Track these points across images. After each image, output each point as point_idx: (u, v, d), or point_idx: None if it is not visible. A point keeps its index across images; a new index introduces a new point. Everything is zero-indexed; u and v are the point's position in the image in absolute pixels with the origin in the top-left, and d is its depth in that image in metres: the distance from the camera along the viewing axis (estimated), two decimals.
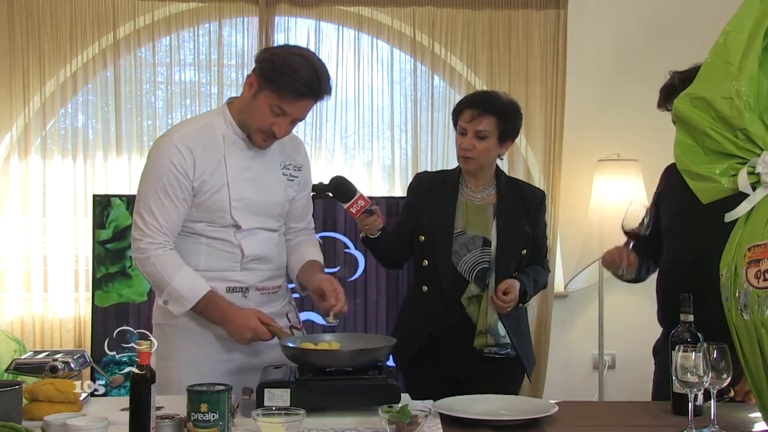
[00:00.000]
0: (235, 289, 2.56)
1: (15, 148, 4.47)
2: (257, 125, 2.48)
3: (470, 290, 2.81)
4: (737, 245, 1.88)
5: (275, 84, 2.41)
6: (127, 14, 4.52)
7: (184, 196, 2.47)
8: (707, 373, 1.99)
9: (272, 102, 2.42)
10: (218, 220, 2.52)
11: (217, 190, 2.49)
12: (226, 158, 2.51)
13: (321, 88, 2.45)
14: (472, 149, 2.83)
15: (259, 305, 2.56)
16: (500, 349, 2.82)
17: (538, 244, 2.95)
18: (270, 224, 2.60)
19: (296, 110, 2.45)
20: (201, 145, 2.49)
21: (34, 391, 2.16)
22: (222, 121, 2.55)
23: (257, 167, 2.56)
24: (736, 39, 1.88)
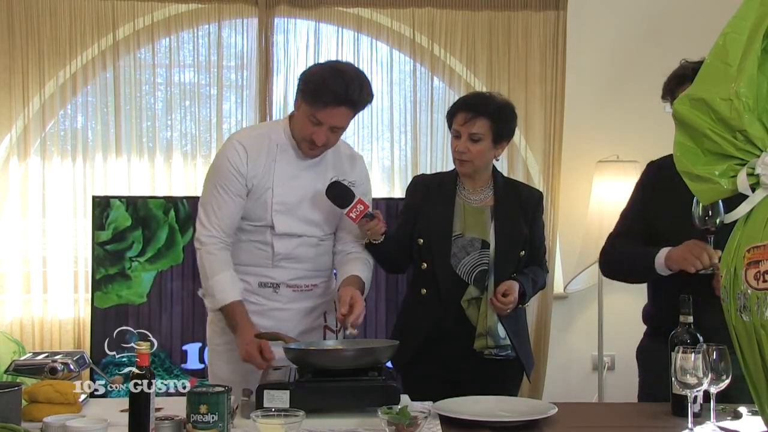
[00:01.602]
0: (267, 284, 2.73)
1: (14, 150, 4.47)
2: (300, 135, 2.65)
3: (470, 292, 2.81)
4: (736, 246, 1.88)
5: (306, 96, 2.59)
6: (126, 15, 4.52)
7: (238, 192, 2.66)
8: (707, 374, 1.99)
9: (308, 113, 2.59)
10: (258, 221, 2.68)
11: (263, 192, 2.67)
12: (276, 163, 2.68)
13: (349, 96, 2.57)
14: (467, 152, 2.83)
15: (291, 301, 2.73)
16: (500, 351, 2.82)
17: (536, 245, 2.95)
18: (311, 232, 2.72)
19: (329, 118, 2.58)
20: (256, 147, 2.68)
21: (33, 392, 2.16)
22: (281, 131, 2.74)
23: (306, 177, 2.71)
24: (735, 40, 1.88)
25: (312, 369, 2.27)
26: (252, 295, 2.72)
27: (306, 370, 2.28)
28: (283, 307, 2.73)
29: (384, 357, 2.33)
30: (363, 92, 2.62)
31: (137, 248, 4.12)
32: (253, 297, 2.71)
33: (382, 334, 4.18)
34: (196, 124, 4.62)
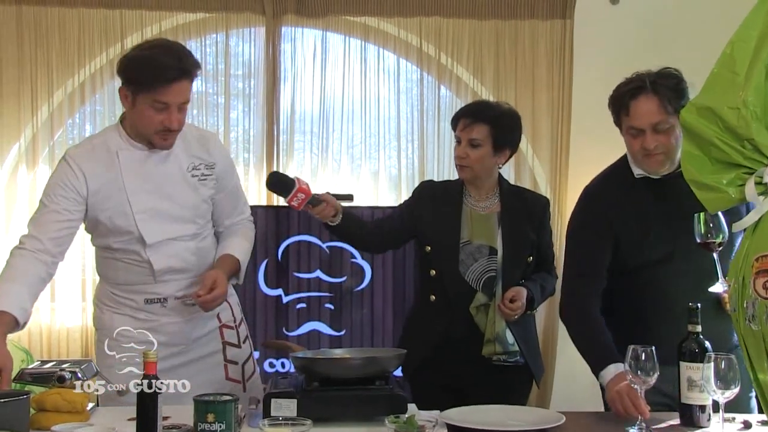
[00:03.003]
0: (154, 300, 2.60)
1: (23, 158, 4.49)
2: (151, 129, 2.48)
3: (478, 299, 2.81)
4: (745, 255, 1.87)
5: (142, 84, 2.43)
6: (134, 25, 4.54)
7: (67, 207, 2.48)
8: (715, 384, 1.98)
9: (150, 100, 2.43)
10: (126, 235, 2.54)
11: (119, 205, 2.51)
12: (124, 175, 2.52)
13: (184, 66, 2.45)
14: (466, 157, 2.84)
15: (180, 313, 2.61)
16: (509, 357, 2.82)
17: (544, 251, 2.96)
18: (184, 230, 2.59)
19: (173, 96, 2.44)
20: (93, 161, 2.51)
21: (41, 400, 2.17)
22: (116, 136, 2.57)
23: (159, 176, 2.55)
24: (742, 49, 1.88)
25: (319, 378, 2.27)
26: (140, 312, 2.60)
27: (313, 378, 2.27)
28: (174, 320, 2.61)
29: (391, 366, 2.33)
30: (191, 58, 2.50)
31: None
32: (142, 314, 2.59)
33: (389, 343, 4.18)
34: None
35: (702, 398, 2.16)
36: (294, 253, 4.31)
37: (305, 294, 4.29)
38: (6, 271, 2.44)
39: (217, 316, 2.70)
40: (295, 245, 4.31)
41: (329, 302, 4.26)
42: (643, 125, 2.43)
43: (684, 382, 2.19)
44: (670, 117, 2.38)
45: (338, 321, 4.28)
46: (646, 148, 2.43)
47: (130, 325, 2.51)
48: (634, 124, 2.45)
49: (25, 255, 2.46)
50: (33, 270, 2.44)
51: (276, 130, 4.61)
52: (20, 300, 2.36)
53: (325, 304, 4.22)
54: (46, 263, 2.47)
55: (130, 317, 2.59)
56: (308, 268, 4.29)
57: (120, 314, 2.61)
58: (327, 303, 4.25)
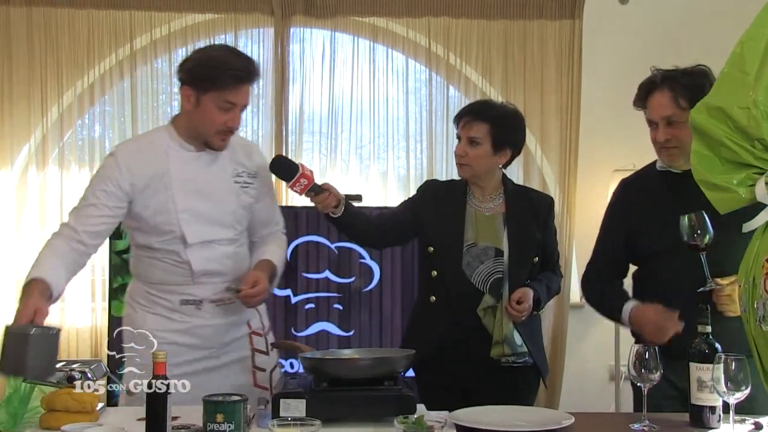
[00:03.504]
0: (189, 302, 2.60)
1: (33, 159, 4.51)
2: (213, 129, 2.52)
3: (486, 301, 2.81)
4: (755, 256, 1.87)
5: (214, 82, 2.47)
6: (143, 26, 4.55)
7: (108, 203, 2.50)
8: (726, 385, 1.98)
9: (219, 100, 2.48)
10: (169, 234, 2.55)
11: (164, 203, 2.54)
12: (171, 171, 2.55)
13: (252, 71, 2.52)
14: (465, 155, 2.84)
15: (214, 316, 2.62)
16: (517, 358, 2.82)
17: (549, 250, 2.95)
18: (223, 234, 2.61)
19: (240, 98, 2.51)
20: (141, 159, 2.54)
21: (51, 400, 2.18)
22: (165, 136, 2.60)
23: (206, 178, 2.59)
24: (752, 49, 1.88)
25: (328, 378, 2.27)
26: (174, 312, 2.61)
27: (322, 379, 2.27)
28: (207, 323, 2.62)
29: (400, 366, 2.33)
30: (257, 65, 2.58)
31: None
32: (176, 315, 2.61)
33: (398, 343, 4.17)
34: None
35: (712, 399, 2.15)
36: (303, 254, 4.31)
37: (314, 294, 4.29)
38: (43, 251, 2.49)
39: (248, 323, 2.71)
40: (304, 245, 4.31)
41: (338, 303, 4.26)
42: (656, 118, 2.57)
43: (694, 383, 2.19)
44: (683, 111, 2.40)
45: (347, 321, 4.28)
46: (658, 140, 2.56)
47: (163, 325, 2.57)
48: (648, 117, 2.61)
49: (60, 240, 2.50)
50: (68, 253, 2.49)
51: (285, 131, 4.61)
52: (55, 272, 2.43)
53: (333, 304, 4.22)
54: (78, 251, 2.51)
55: (163, 317, 2.60)
56: (317, 269, 4.30)
57: (154, 314, 2.62)
58: (336, 303, 4.25)
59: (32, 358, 2.12)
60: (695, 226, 2.29)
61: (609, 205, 2.80)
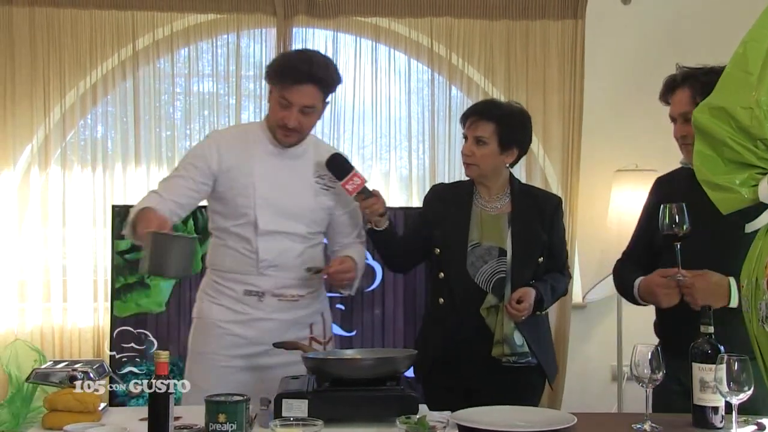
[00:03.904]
0: (252, 293, 2.70)
1: (36, 159, 4.51)
2: (273, 121, 2.69)
3: (488, 301, 2.81)
4: (758, 256, 1.86)
5: (274, 78, 2.68)
6: (146, 26, 4.55)
7: (195, 177, 2.67)
8: (728, 385, 1.97)
9: (278, 97, 2.65)
10: (243, 218, 2.67)
11: (244, 188, 2.67)
12: (255, 159, 2.70)
13: (312, 72, 2.62)
14: (471, 155, 2.86)
15: (275, 311, 2.70)
16: (519, 358, 2.81)
17: (556, 251, 2.95)
18: (295, 229, 2.70)
19: (297, 97, 2.62)
20: (232, 143, 2.73)
21: (53, 400, 2.18)
22: (258, 129, 2.78)
23: (287, 173, 2.72)
24: (755, 49, 1.87)
25: (330, 378, 2.27)
26: (237, 303, 2.71)
27: (324, 379, 2.27)
28: (266, 317, 2.70)
29: (402, 367, 2.33)
30: (329, 71, 2.69)
31: None
32: (238, 305, 2.71)
33: (400, 344, 4.18)
34: None
35: (715, 399, 2.15)
36: None
37: None
38: (143, 200, 2.66)
39: (310, 327, 2.77)
40: None
41: (340, 303, 4.25)
42: (675, 114, 2.60)
43: (696, 384, 2.19)
44: None
45: (349, 321, 4.28)
46: (675, 136, 2.59)
47: (226, 316, 2.70)
48: (670, 113, 2.63)
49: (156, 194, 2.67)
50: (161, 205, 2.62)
51: None
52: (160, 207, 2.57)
53: (336, 304, 4.22)
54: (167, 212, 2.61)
55: (227, 308, 2.71)
56: None
57: (218, 305, 2.73)
58: (338, 303, 4.25)
59: (174, 258, 2.35)
60: (675, 216, 2.36)
61: (645, 201, 2.83)
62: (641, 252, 2.71)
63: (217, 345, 2.70)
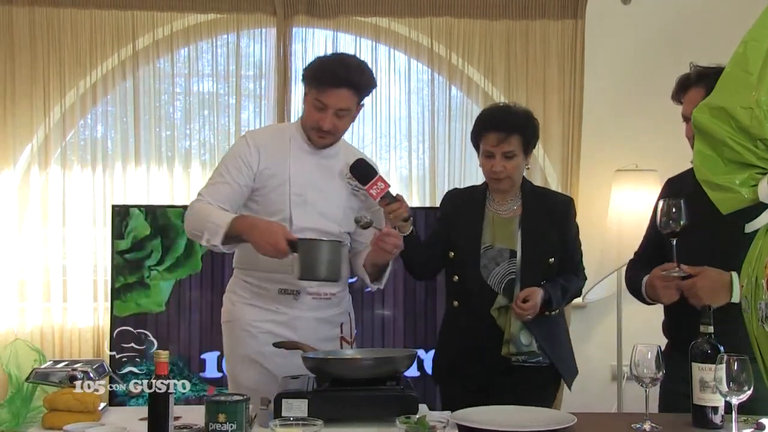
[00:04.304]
0: (288, 291, 2.71)
1: (35, 159, 4.51)
2: (309, 123, 2.73)
3: (498, 301, 2.83)
4: (758, 256, 1.86)
5: (310, 81, 2.71)
6: (146, 26, 4.55)
7: (239, 180, 2.70)
8: (728, 385, 1.97)
9: (313, 99, 2.68)
10: (278, 215, 2.67)
11: (278, 185, 2.70)
12: (291, 158, 2.73)
13: (349, 77, 2.66)
14: (504, 170, 2.86)
15: (310, 310, 2.73)
16: (529, 358, 2.82)
17: (569, 252, 2.96)
18: (329, 227, 2.72)
19: (333, 100, 2.66)
20: (269, 143, 2.76)
21: (53, 400, 2.18)
22: (293, 128, 2.83)
23: (320, 172, 2.75)
24: (755, 48, 1.87)
25: (330, 378, 2.27)
26: (271, 302, 2.72)
27: (324, 379, 2.28)
28: (301, 315, 2.72)
29: (402, 366, 2.33)
30: (364, 75, 2.71)
31: (156, 257, 4.14)
32: (273, 305, 2.72)
33: (400, 343, 4.18)
34: (215, 133, 4.65)
35: (715, 399, 2.15)
36: None
37: None
38: (202, 210, 2.66)
39: (340, 326, 2.80)
40: None
41: None
42: (687, 113, 2.56)
43: (696, 383, 2.19)
44: None
45: None
46: (687, 135, 2.53)
47: (261, 317, 2.71)
48: (682, 112, 2.60)
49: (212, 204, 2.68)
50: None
51: None
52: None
53: None
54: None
55: (261, 309, 2.72)
56: None
57: (252, 306, 2.73)
58: None
59: (325, 262, 2.46)
60: (672, 211, 2.36)
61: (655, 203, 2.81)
62: (651, 252, 2.71)
63: (256, 344, 2.70)
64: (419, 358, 4.17)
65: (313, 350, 2.43)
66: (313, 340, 2.65)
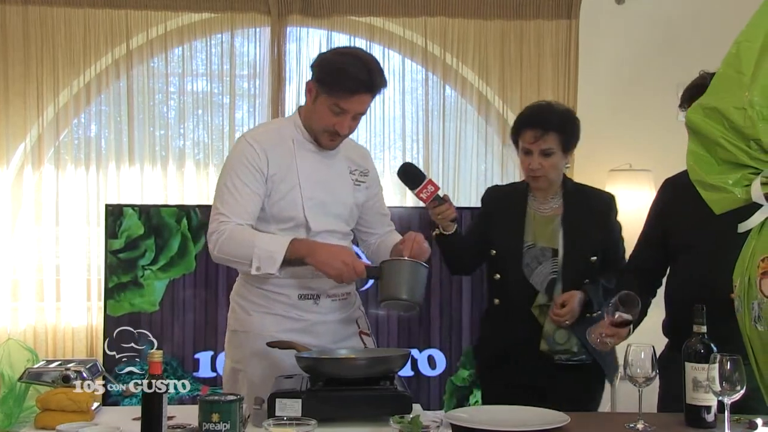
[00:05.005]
0: (307, 296, 2.61)
1: (29, 158, 4.50)
2: (321, 126, 2.57)
3: (538, 300, 2.84)
4: (750, 256, 1.87)
5: (329, 86, 2.51)
6: (140, 25, 4.55)
7: (256, 188, 2.53)
8: (721, 385, 1.98)
9: (330, 103, 2.51)
10: (291, 221, 2.57)
11: (289, 190, 2.56)
12: (297, 160, 2.59)
13: (373, 82, 2.53)
14: (540, 168, 2.85)
15: (330, 312, 2.65)
16: (572, 357, 2.83)
17: (612, 250, 2.94)
18: (340, 227, 2.66)
19: (354, 106, 2.53)
20: (272, 144, 2.58)
21: (46, 400, 2.17)
22: (293, 126, 2.65)
23: (326, 170, 2.64)
24: (748, 49, 1.88)
25: (324, 378, 2.27)
26: (291, 309, 2.60)
27: (318, 378, 2.27)
28: (322, 320, 2.63)
29: (396, 366, 2.33)
30: (383, 76, 2.58)
31: (150, 256, 4.13)
32: (293, 312, 2.60)
33: (395, 343, 4.18)
34: (209, 132, 4.64)
35: (707, 399, 2.16)
36: None
37: None
38: (240, 232, 2.49)
39: (356, 322, 2.74)
40: None
41: None
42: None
43: (689, 383, 2.19)
44: None
45: None
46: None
47: (280, 326, 2.58)
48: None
49: (240, 227, 2.50)
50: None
51: None
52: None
53: None
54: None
55: (282, 317, 2.60)
56: None
57: (272, 314, 2.60)
58: None
59: (408, 282, 2.40)
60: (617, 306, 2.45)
61: (652, 203, 2.82)
62: (649, 255, 2.73)
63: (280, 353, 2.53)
64: (413, 358, 4.17)
65: (306, 350, 2.42)
66: (333, 343, 2.60)
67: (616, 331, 2.55)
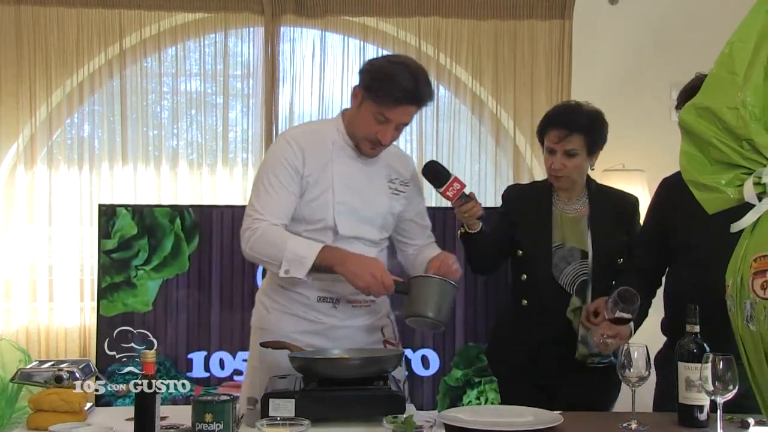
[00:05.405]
0: (326, 299, 2.59)
1: (21, 158, 4.49)
2: (363, 133, 2.55)
3: (573, 303, 2.84)
4: (743, 256, 1.87)
5: (375, 94, 2.49)
6: (133, 25, 4.54)
7: (291, 188, 2.53)
8: (713, 384, 1.98)
9: (375, 111, 2.50)
10: (319, 223, 2.55)
11: (322, 193, 2.55)
12: (333, 163, 2.58)
13: (420, 94, 2.51)
14: (563, 168, 2.84)
15: (349, 318, 2.62)
16: (603, 359, 2.82)
17: None
18: (371, 234, 2.62)
19: (398, 116, 2.51)
20: (311, 145, 2.57)
21: (38, 401, 2.17)
22: (334, 129, 2.63)
23: (363, 176, 2.61)
24: (741, 49, 1.88)
25: (318, 378, 2.27)
26: (309, 311, 2.60)
27: (311, 378, 2.27)
28: (340, 324, 2.61)
29: (390, 366, 2.33)
30: (429, 88, 2.55)
31: (143, 256, 4.12)
32: (311, 314, 2.60)
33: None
34: (202, 132, 4.63)
35: (700, 398, 2.16)
36: None
37: None
38: (274, 232, 2.49)
39: (381, 330, 2.71)
40: None
41: None
42: None
43: (682, 382, 2.20)
44: None
45: None
46: None
47: (297, 327, 2.58)
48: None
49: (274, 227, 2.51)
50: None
51: (275, 131, 4.60)
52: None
53: None
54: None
55: (299, 318, 2.59)
56: None
57: (290, 314, 2.60)
58: None
59: (436, 301, 2.39)
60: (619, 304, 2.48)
61: (650, 204, 2.83)
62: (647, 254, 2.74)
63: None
64: (407, 358, 4.17)
65: (299, 350, 2.42)
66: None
67: (618, 331, 2.56)
